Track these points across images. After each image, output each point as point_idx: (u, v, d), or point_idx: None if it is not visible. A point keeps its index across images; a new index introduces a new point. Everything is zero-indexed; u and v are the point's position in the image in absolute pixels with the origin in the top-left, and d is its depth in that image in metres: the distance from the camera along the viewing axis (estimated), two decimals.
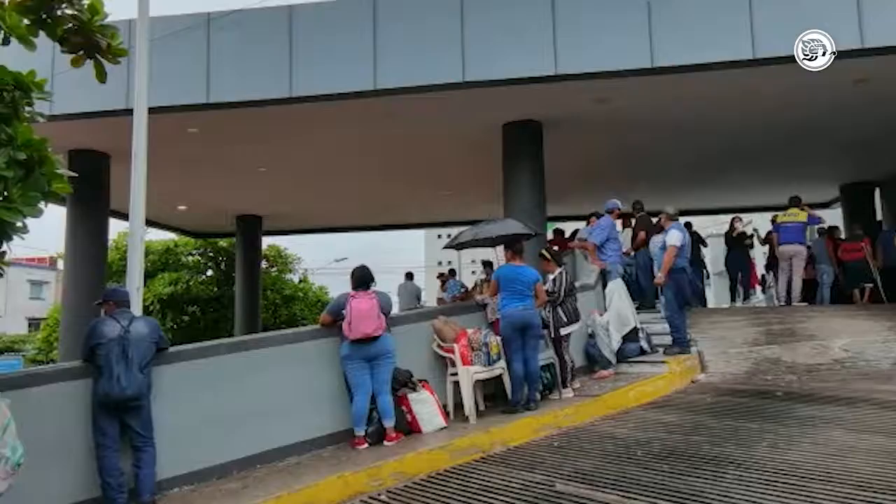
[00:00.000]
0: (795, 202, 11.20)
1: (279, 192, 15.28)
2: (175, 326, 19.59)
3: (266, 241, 20.79)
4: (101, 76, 3.66)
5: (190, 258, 21.78)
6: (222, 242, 21.55)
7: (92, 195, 10.85)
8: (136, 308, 5.26)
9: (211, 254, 21.90)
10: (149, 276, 19.85)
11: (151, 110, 5.95)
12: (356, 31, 8.89)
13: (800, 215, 11.01)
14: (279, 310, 22.17)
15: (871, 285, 11.82)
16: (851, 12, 7.81)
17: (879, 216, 16.20)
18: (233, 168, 12.87)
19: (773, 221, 11.98)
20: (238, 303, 17.71)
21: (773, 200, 16.30)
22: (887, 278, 11.65)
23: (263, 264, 21.01)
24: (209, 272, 21.89)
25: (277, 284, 22.80)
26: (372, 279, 5.72)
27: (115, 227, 18.47)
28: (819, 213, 18.67)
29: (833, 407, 5.43)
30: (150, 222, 17.29)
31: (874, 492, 3.49)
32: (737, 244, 12.54)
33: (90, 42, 3.51)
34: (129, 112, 5.99)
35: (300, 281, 24.84)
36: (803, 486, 3.67)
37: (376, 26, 8.81)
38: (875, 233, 13.17)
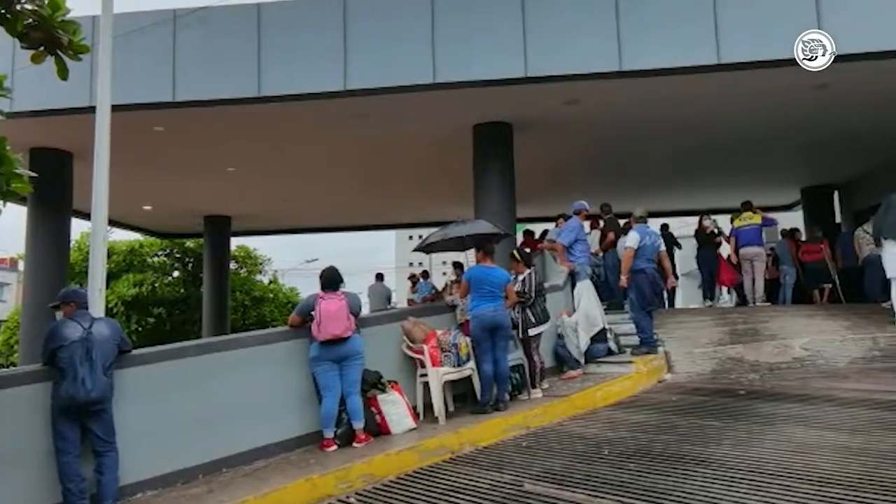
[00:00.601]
0: (748, 206, 11.54)
1: (248, 193, 15.11)
2: (140, 329, 19.20)
3: (235, 242, 20.54)
4: (63, 73, 3.57)
5: (155, 259, 21.37)
6: (189, 243, 21.22)
7: (53, 194, 10.60)
8: (99, 310, 5.16)
9: (177, 254, 21.53)
10: (112, 277, 19.45)
11: (115, 108, 5.84)
12: (326, 30, 8.84)
13: (754, 218, 11.34)
14: (248, 311, 21.90)
15: (829, 286, 12.16)
16: (811, 20, 8.03)
17: (839, 219, 16.66)
18: (200, 168, 12.69)
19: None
20: (206, 304, 17.46)
21: (738, 203, 16.64)
22: (845, 279, 11.99)
23: (232, 265, 20.74)
24: (175, 273, 21.52)
25: (247, 286, 22.53)
26: (341, 280, 5.72)
27: (79, 227, 18.06)
28: (781, 215, 19.17)
29: (794, 405, 5.57)
30: (113, 222, 16.97)
31: (833, 487, 3.59)
32: (707, 242, 12.54)
33: (51, 38, 3.43)
34: (93, 110, 5.87)
35: (270, 282, 24.60)
36: (766, 482, 3.76)
37: (346, 26, 8.77)
38: (834, 235, 13.55)
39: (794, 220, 17.89)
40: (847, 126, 11.20)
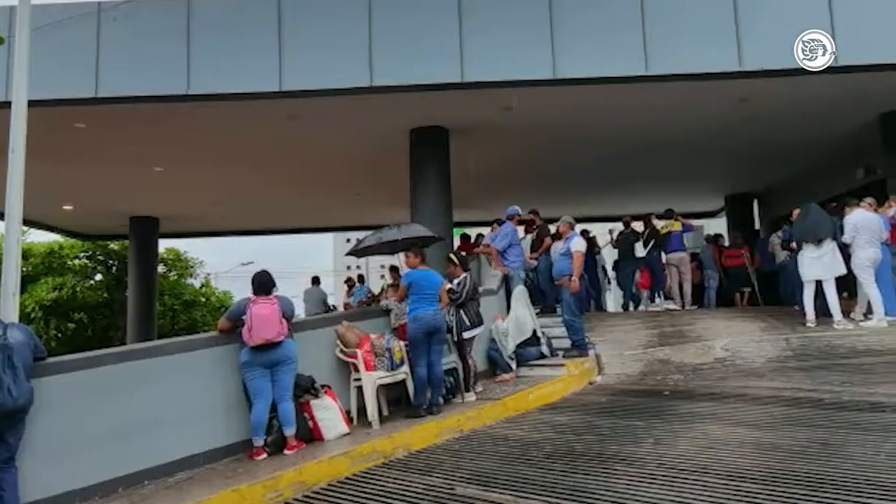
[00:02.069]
0: (670, 214, 11.97)
1: (178, 194, 14.63)
2: (59, 335, 18.31)
3: (164, 244, 19.86)
4: None
5: (77, 261, 20.43)
6: (113, 245, 20.38)
7: None
8: (13, 315, 4.89)
9: (100, 257, 20.65)
10: (30, 280, 18.51)
11: (32, 103, 5.55)
12: (260, 29, 8.69)
13: (675, 225, 11.81)
14: (178, 316, 21.23)
15: (749, 289, 12.79)
16: (731, 37, 8.45)
17: (758, 225, 17.56)
18: (126, 167, 12.21)
19: None
20: (131, 309, 16.78)
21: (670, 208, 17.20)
22: (763, 282, 12.65)
23: (161, 268, 20.03)
24: (98, 276, 20.62)
25: (176, 289, 21.83)
26: (273, 284, 5.62)
27: None
28: (706, 221, 20.00)
29: (714, 403, 5.81)
30: (31, 223, 16.15)
31: (748, 481, 3.77)
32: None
33: None
34: (8, 105, 5.56)
35: (202, 286, 23.90)
36: (683, 478, 3.92)
37: (281, 26, 8.63)
38: (753, 240, 14.26)
39: (718, 226, 18.73)
40: (765, 138, 11.83)
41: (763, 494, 3.55)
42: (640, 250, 12.62)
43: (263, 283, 5.53)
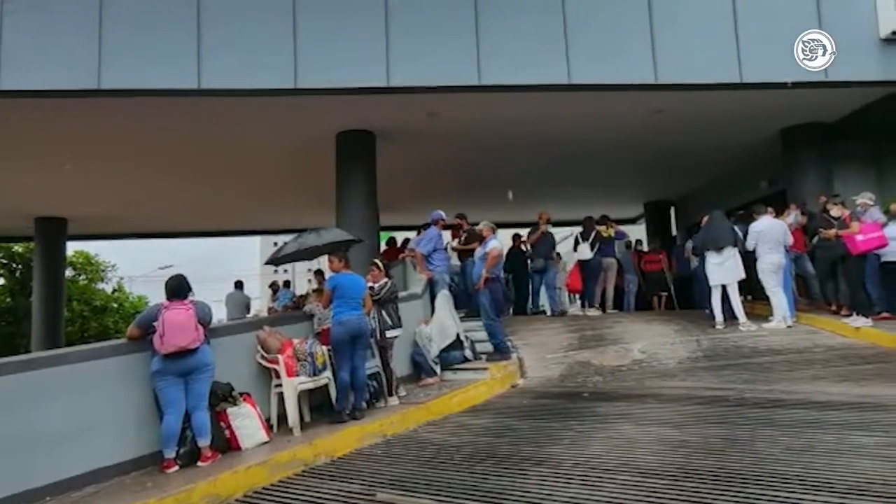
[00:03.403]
0: (605, 220, 12.34)
1: (88, 193, 13.89)
2: None
3: (74, 247, 18.85)
4: None
5: None
6: (18, 247, 19.18)
7: None
8: None
9: (3, 260, 19.39)
10: None
11: None
12: (177, 25, 8.33)
13: (608, 231, 12.16)
14: (88, 322, 20.19)
15: (666, 293, 13.34)
16: (647, 52, 8.80)
17: (674, 231, 18.35)
18: (31, 165, 11.49)
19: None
20: (36, 315, 15.78)
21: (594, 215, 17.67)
22: (679, 286, 13.21)
23: (70, 272, 18.98)
24: (0, 281, 19.36)
25: (86, 294, 20.74)
26: (189, 289, 5.40)
27: None
28: (626, 227, 20.71)
29: (629, 403, 6.03)
30: None
31: (654, 477, 3.93)
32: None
33: None
34: None
35: (114, 290, 22.80)
36: (596, 476, 4.04)
37: (200, 23, 8.31)
38: (670, 246, 14.89)
39: (639, 232, 19.46)
40: (679, 148, 12.39)
41: (673, 491, 3.71)
42: (586, 253, 12.30)
43: (177, 288, 5.31)
